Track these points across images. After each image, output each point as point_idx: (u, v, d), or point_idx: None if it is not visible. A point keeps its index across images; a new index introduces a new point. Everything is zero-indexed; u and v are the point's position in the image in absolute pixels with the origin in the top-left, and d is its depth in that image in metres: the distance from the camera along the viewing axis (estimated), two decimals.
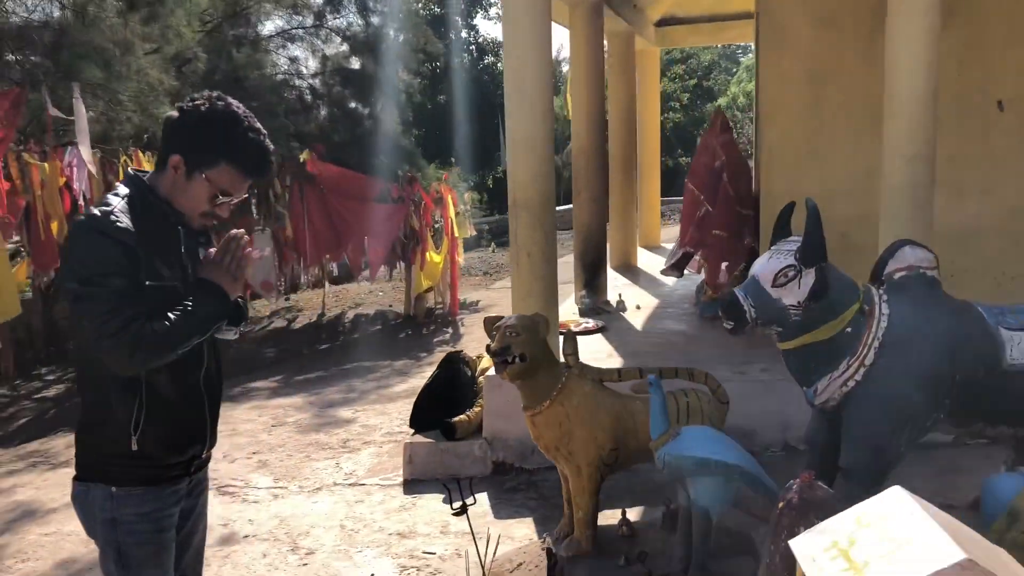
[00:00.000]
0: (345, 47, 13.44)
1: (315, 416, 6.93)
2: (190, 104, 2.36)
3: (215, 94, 2.43)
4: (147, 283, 2.21)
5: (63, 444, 6.58)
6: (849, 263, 3.54)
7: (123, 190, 2.33)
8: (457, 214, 12.58)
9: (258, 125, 2.39)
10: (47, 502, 5.31)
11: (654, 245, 10.82)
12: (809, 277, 3.15)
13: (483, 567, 3.51)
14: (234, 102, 2.39)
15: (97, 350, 2.17)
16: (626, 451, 3.51)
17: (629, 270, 8.86)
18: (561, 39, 45.35)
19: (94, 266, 2.16)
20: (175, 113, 2.38)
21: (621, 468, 3.59)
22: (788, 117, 5.96)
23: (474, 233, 14.10)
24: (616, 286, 7.65)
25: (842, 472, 3.34)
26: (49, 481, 5.74)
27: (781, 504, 2.50)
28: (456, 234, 11.81)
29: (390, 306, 12.49)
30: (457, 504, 3.67)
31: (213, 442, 2.55)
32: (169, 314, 2.20)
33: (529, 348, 3.43)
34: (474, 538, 3.59)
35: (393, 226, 10.85)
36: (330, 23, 13.32)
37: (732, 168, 6.26)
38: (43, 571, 4.30)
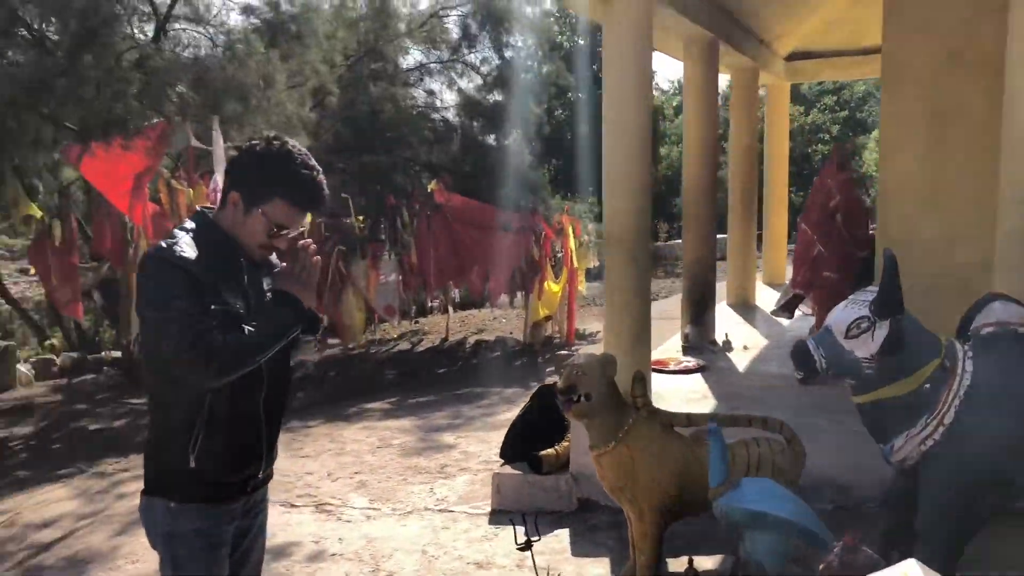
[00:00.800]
0: (479, 80, 13.82)
1: (419, 440, 7.11)
2: (249, 144, 2.52)
3: (273, 135, 2.59)
4: (212, 307, 2.36)
5: None
6: None
7: (189, 224, 2.50)
8: (580, 244, 12.66)
9: (312, 162, 2.50)
10: None
11: (778, 283, 10.50)
12: (883, 330, 3.03)
13: None
14: (290, 142, 2.53)
15: (178, 367, 2.31)
16: (692, 498, 3.45)
17: (746, 308, 8.64)
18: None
19: (162, 291, 2.30)
20: (235, 153, 2.56)
21: (687, 515, 3.53)
22: (908, 157, 5.70)
23: (597, 264, 14.09)
24: (727, 324, 7.48)
25: (918, 536, 3.16)
26: None
27: (822, 567, 2.41)
28: (576, 264, 11.89)
29: (511, 333, 12.65)
30: (522, 539, 3.70)
31: (270, 463, 2.64)
32: (244, 327, 2.35)
33: (595, 388, 3.45)
34: (536, 573, 3.60)
35: (514, 255, 11.03)
36: (465, 57, 13.74)
37: (847, 208, 6.03)
38: (146, 572, 4.60)
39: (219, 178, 7.97)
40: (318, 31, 9.43)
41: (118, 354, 11.09)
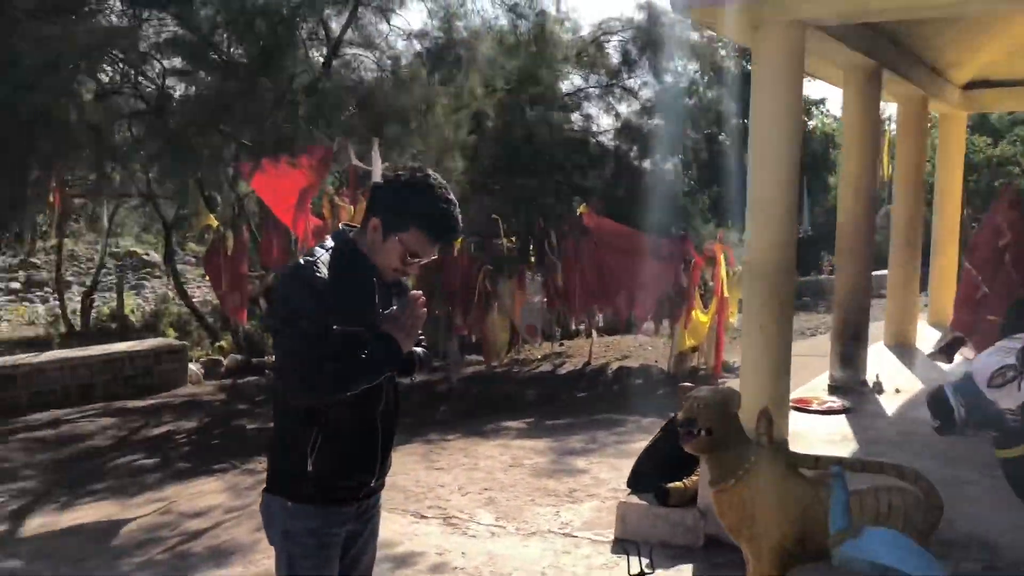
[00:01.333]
0: (637, 105, 13.80)
1: (552, 462, 7.14)
2: (394, 174, 2.66)
3: (418, 166, 2.73)
4: (334, 327, 2.50)
5: None
6: None
7: (330, 243, 2.66)
8: (733, 274, 12.34)
9: (450, 196, 2.61)
10: None
11: (944, 324, 9.83)
12: None
13: None
14: (432, 175, 2.65)
15: (281, 379, 2.52)
16: (813, 543, 3.30)
17: (904, 349, 8.16)
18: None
19: (290, 308, 2.49)
20: (380, 181, 2.70)
21: (808, 560, 3.37)
22: None
23: None
24: (881, 365, 7.10)
25: None
26: None
27: None
28: (727, 294, 11.60)
29: (655, 362, 12.47)
30: (635, 570, 3.65)
31: (383, 472, 2.74)
32: (347, 359, 2.49)
33: (716, 423, 3.38)
34: None
35: (662, 282, 10.89)
36: (624, 82, 13.76)
37: (1017, 249, 5.63)
38: None
39: None
40: (478, 57, 9.73)
41: None
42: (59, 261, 17.19)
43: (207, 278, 12.83)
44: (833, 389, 6.41)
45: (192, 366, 11.88)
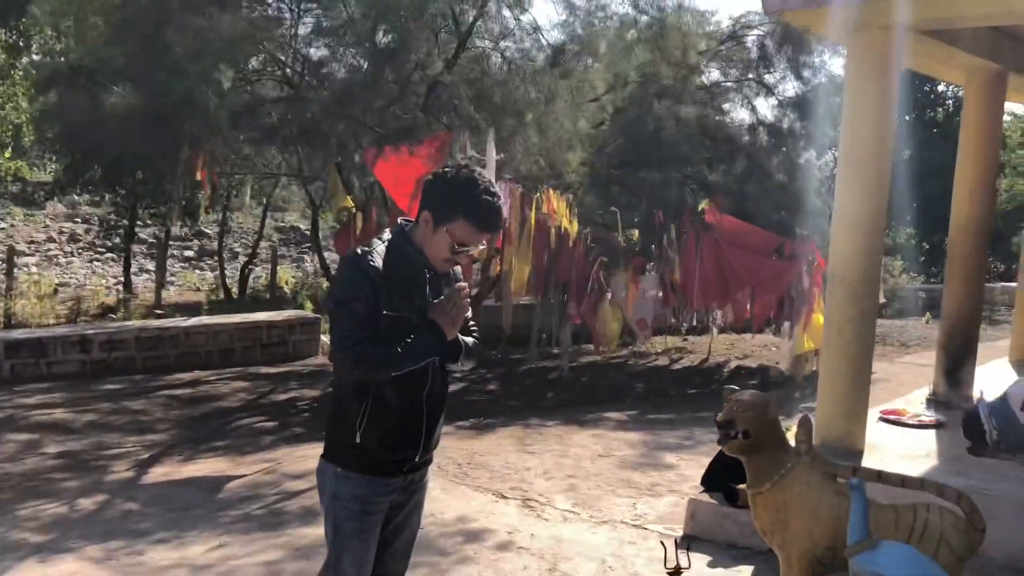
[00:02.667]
0: (773, 101, 13.47)
1: (642, 455, 7.23)
2: (442, 171, 2.89)
3: (464, 163, 2.96)
4: (385, 312, 2.76)
5: None
6: None
7: (387, 235, 2.93)
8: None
9: (494, 190, 2.82)
10: None
11: None
12: None
13: None
14: (477, 170, 2.87)
15: (335, 360, 2.80)
16: (843, 553, 3.30)
17: None
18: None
19: (345, 292, 2.77)
20: (431, 176, 2.93)
21: (838, 569, 3.37)
22: None
23: (883, 300, 13.14)
24: (997, 382, 6.75)
25: None
26: None
27: None
28: None
29: (776, 363, 12.23)
30: (671, 564, 3.73)
31: (428, 450, 2.95)
32: (394, 343, 2.73)
33: (754, 426, 3.43)
34: None
35: (782, 283, 10.68)
36: (762, 77, 13.43)
37: None
38: None
39: None
40: (600, 50, 9.80)
41: None
42: (221, 233, 18.60)
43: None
44: (932, 403, 6.19)
45: (324, 338, 12.59)
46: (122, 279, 16.10)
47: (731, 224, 10.90)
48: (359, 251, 2.84)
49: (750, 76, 13.30)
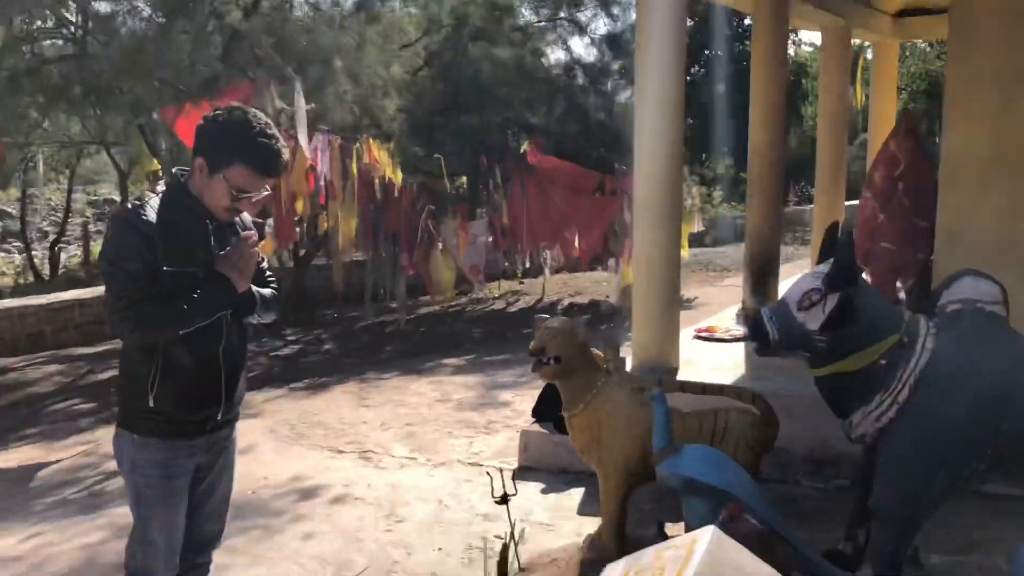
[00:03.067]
0: (586, 40, 13.71)
1: (478, 396, 7.31)
2: (212, 113, 2.72)
3: (236, 105, 2.78)
4: (164, 268, 2.59)
5: (261, 399, 7.50)
6: None
7: (161, 188, 2.74)
8: (688, 208, 12.47)
9: (271, 131, 2.67)
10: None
11: None
12: (833, 303, 2.94)
13: (517, 558, 3.65)
14: (251, 111, 2.71)
15: (112, 322, 2.62)
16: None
17: None
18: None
19: (117, 250, 2.58)
20: (202, 120, 2.76)
21: (652, 479, 3.54)
22: (973, 122, 5.34)
23: (701, 228, 13.84)
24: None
25: (873, 513, 3.08)
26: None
27: None
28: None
29: (607, 297, 12.64)
30: (499, 493, 3.82)
31: (231, 407, 2.83)
32: (178, 299, 2.58)
33: (564, 351, 3.51)
34: (512, 530, 3.71)
35: (606, 219, 11.01)
36: (575, 16, 13.62)
37: (911, 177, 5.72)
38: None
39: (302, 138, 8.36)
40: None
41: None
42: (23, 210, 17.20)
43: None
44: (741, 317, 6.57)
45: None
46: None
47: (552, 164, 11.10)
48: (129, 206, 2.66)
49: (562, 15, 13.45)
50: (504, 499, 3.77)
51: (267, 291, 2.89)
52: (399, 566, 4.06)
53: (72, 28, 8.72)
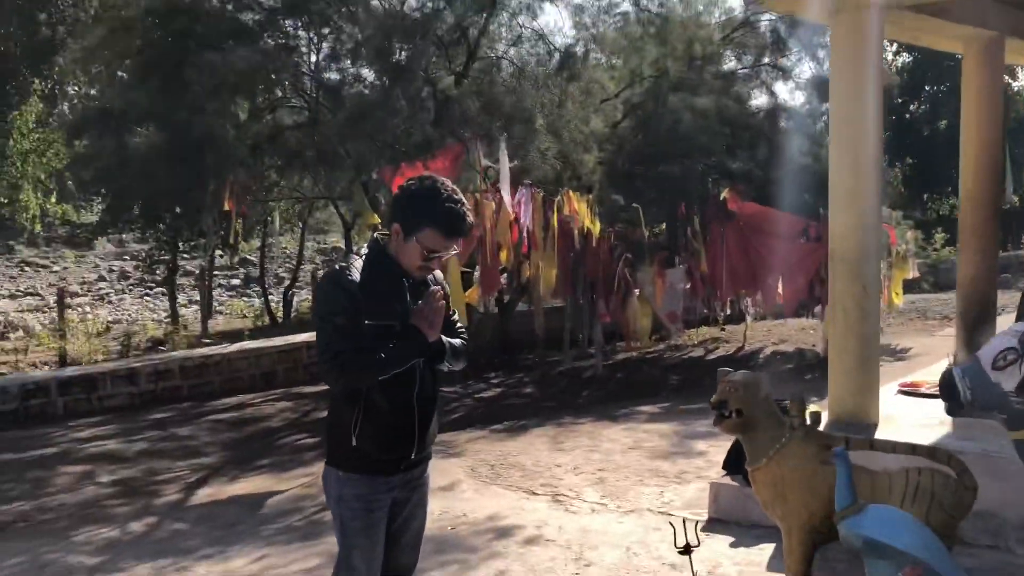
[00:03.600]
0: (790, 84, 13.49)
1: (672, 444, 7.33)
2: (405, 184, 3.07)
3: (427, 175, 3.12)
4: (368, 322, 2.94)
5: (464, 439, 7.91)
6: None
7: (364, 250, 3.12)
8: (897, 254, 11.91)
9: (457, 196, 2.98)
10: None
11: None
12: None
13: None
14: (440, 179, 3.03)
15: (320, 371, 2.99)
16: None
17: None
18: None
19: (326, 306, 2.96)
20: (397, 191, 3.11)
21: (838, 538, 3.47)
22: None
23: (917, 275, 13.08)
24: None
25: None
26: (436, 468, 6.95)
27: None
28: (891, 275, 11.22)
29: (813, 346, 12.21)
30: (681, 543, 3.85)
31: (423, 447, 3.11)
32: (377, 349, 2.90)
33: (746, 404, 3.55)
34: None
35: (810, 265, 10.70)
36: (778, 61, 13.45)
37: None
38: None
39: (504, 192, 8.83)
40: (609, 49, 9.95)
41: None
42: (262, 259, 19.09)
43: None
44: None
45: None
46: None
47: (753, 210, 10.99)
48: (337, 267, 3.03)
49: (765, 61, 13.33)
50: (687, 549, 3.82)
51: (457, 341, 3.16)
52: None
53: (305, 98, 9.72)
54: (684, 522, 3.94)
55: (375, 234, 3.21)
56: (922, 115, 30.18)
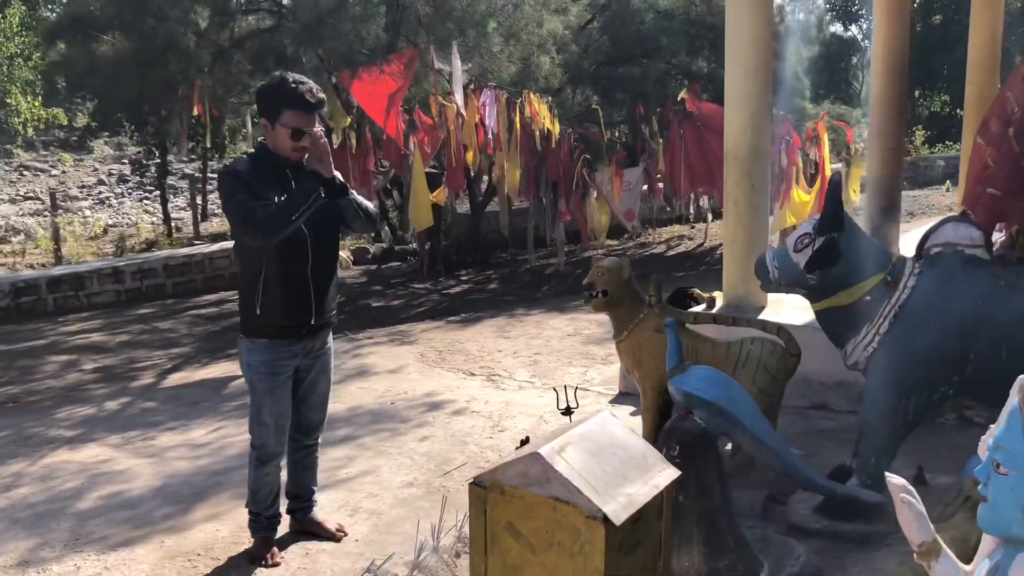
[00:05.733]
0: None
1: (607, 331, 7.88)
2: (261, 84, 3.58)
3: (277, 72, 3.60)
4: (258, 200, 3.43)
5: (420, 328, 8.52)
6: None
7: (251, 151, 3.63)
8: (855, 152, 12.29)
9: (303, 79, 3.45)
10: (378, 366, 7.17)
11: None
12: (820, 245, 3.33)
13: None
14: (287, 74, 3.49)
15: (239, 234, 3.48)
16: None
17: None
18: None
19: (228, 190, 3.44)
20: (255, 93, 3.62)
21: None
22: None
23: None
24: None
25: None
26: (389, 353, 7.63)
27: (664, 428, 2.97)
28: (847, 171, 11.63)
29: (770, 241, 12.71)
30: (563, 406, 4.44)
31: (322, 315, 3.64)
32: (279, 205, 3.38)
33: (611, 286, 4.09)
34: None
35: None
36: None
37: (1022, 123, 5.62)
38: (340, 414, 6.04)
39: (458, 96, 9.19)
40: None
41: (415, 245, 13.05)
42: None
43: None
44: None
45: (342, 253, 13.43)
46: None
47: (709, 110, 11.28)
48: (227, 164, 3.58)
49: None
50: (568, 411, 4.42)
51: (366, 203, 3.65)
52: (489, 464, 4.83)
53: (268, 5, 9.98)
54: (565, 388, 4.51)
55: (260, 139, 3.70)
56: (915, 10, 29.86)
